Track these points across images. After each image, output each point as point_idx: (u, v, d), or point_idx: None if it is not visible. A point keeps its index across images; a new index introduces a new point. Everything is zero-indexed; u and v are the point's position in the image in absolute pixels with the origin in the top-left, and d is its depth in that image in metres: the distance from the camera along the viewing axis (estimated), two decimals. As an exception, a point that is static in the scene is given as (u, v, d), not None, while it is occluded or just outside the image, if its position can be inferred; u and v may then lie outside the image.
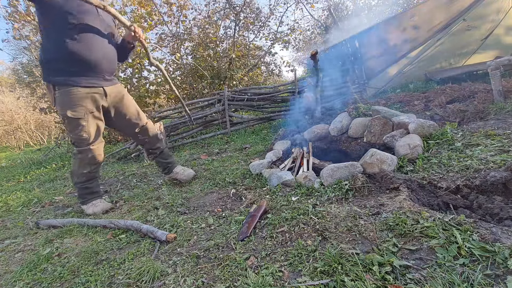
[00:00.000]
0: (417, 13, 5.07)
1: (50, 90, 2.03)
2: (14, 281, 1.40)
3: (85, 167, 2.17)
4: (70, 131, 2.09)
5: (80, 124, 2.04)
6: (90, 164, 2.18)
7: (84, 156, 2.13)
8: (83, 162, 2.15)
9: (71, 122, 2.03)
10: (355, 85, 5.17)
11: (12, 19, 5.07)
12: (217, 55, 6.96)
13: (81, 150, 2.12)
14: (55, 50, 1.92)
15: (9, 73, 16.59)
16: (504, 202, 1.42)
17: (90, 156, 2.14)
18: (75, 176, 2.22)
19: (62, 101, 1.99)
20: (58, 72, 1.97)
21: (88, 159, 2.14)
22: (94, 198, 2.28)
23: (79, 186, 2.24)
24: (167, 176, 2.69)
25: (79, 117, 2.02)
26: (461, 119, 2.94)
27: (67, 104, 1.99)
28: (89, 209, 2.23)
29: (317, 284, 1.04)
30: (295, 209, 1.66)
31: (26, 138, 10.12)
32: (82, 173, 2.18)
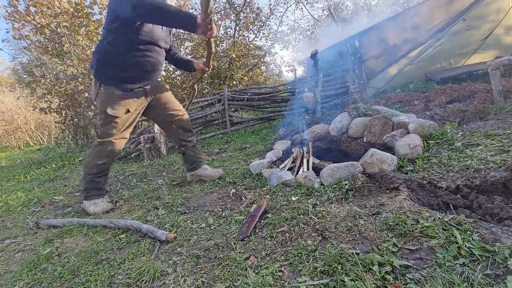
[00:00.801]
0: (417, 13, 5.07)
1: (96, 84, 2.11)
2: (14, 281, 1.40)
3: (101, 159, 2.21)
4: (101, 125, 2.15)
5: (114, 122, 2.13)
6: (106, 157, 2.22)
7: (104, 148, 2.18)
8: (100, 153, 2.20)
9: (107, 118, 2.11)
10: (355, 85, 5.17)
11: (12, 19, 5.08)
12: (217, 55, 6.96)
13: (102, 142, 2.17)
14: (121, 59, 2.03)
15: (9, 73, 16.61)
16: (504, 202, 1.42)
17: (109, 149, 2.19)
18: (86, 167, 2.26)
19: (106, 98, 2.08)
20: (113, 76, 2.07)
21: (107, 151, 2.20)
22: (98, 196, 2.29)
23: (89, 178, 2.25)
24: (192, 173, 2.59)
25: (117, 116, 2.11)
26: (461, 119, 2.94)
27: (109, 102, 2.08)
28: (90, 208, 2.24)
29: (317, 284, 1.04)
30: (295, 209, 1.66)
31: (26, 138, 10.13)
32: (96, 164, 2.21)
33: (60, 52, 5.43)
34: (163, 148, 3.92)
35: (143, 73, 2.14)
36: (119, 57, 2.02)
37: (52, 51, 5.41)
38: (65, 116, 5.65)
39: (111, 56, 2.03)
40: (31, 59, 8.84)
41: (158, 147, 3.84)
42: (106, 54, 2.04)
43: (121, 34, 1.96)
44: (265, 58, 8.56)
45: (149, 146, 3.79)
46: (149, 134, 3.83)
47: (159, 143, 3.85)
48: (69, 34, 5.20)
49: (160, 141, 3.86)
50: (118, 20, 1.92)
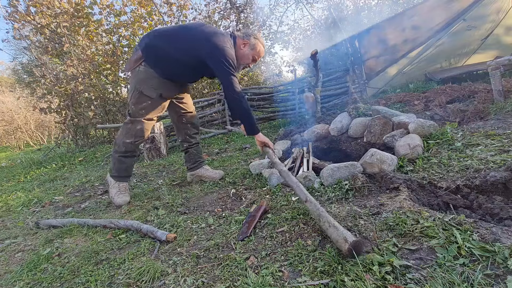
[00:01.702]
0: (417, 13, 5.07)
1: (137, 61, 2.14)
2: (14, 281, 1.40)
3: (129, 137, 2.26)
4: (133, 103, 2.19)
5: (146, 102, 2.18)
6: (135, 136, 2.26)
7: (134, 126, 2.23)
8: (130, 132, 2.24)
9: (140, 97, 2.16)
10: (355, 85, 5.17)
11: (12, 19, 5.08)
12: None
13: (133, 120, 2.23)
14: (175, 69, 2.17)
15: (9, 73, 16.61)
16: (504, 202, 1.42)
17: (138, 128, 2.24)
18: (116, 145, 2.31)
19: (144, 77, 2.13)
20: (160, 68, 2.14)
21: (136, 130, 2.24)
22: (124, 179, 2.37)
23: (117, 156, 2.31)
24: (192, 172, 2.60)
25: (151, 97, 2.17)
26: (461, 119, 2.94)
27: (147, 82, 2.14)
28: (112, 190, 2.32)
29: (317, 284, 1.04)
30: (295, 209, 1.66)
31: (26, 138, 10.13)
32: (124, 142, 2.26)
33: (60, 52, 5.43)
34: (163, 148, 3.92)
35: (180, 78, 2.28)
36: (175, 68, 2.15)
37: (52, 51, 5.42)
38: (65, 116, 5.65)
39: (169, 62, 2.13)
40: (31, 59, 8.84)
41: (158, 147, 3.84)
42: (168, 59, 2.12)
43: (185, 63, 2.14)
44: (265, 58, 8.57)
45: (149, 146, 3.79)
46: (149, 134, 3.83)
47: (159, 143, 3.85)
48: (69, 34, 5.21)
49: (160, 141, 3.86)
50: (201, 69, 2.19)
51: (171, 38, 2.14)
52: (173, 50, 2.10)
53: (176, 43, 2.11)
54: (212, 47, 2.02)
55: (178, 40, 2.12)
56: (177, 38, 2.13)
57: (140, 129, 2.24)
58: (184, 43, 2.11)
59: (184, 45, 2.10)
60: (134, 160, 2.48)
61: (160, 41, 2.13)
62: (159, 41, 2.13)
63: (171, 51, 2.10)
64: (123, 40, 6.07)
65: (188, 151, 2.59)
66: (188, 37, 2.12)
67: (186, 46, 2.10)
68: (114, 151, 2.33)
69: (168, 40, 2.13)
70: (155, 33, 2.19)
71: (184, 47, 2.10)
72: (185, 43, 2.11)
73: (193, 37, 2.11)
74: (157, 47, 2.11)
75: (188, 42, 2.10)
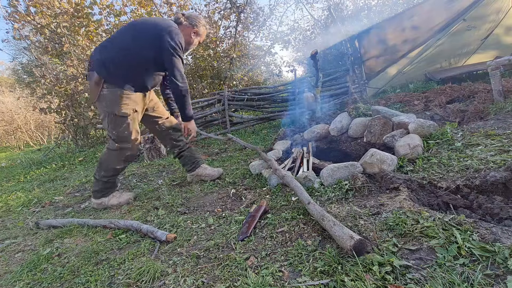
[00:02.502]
0: (417, 13, 5.07)
1: (98, 85, 2.01)
2: (14, 281, 1.40)
3: (119, 163, 2.22)
4: (113, 128, 2.10)
5: (125, 122, 2.09)
6: (125, 161, 2.24)
7: (123, 152, 2.17)
8: (120, 157, 2.18)
9: (117, 120, 2.07)
10: (355, 85, 5.17)
11: (12, 19, 5.08)
12: (217, 55, 6.96)
13: (122, 147, 2.15)
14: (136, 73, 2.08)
15: (9, 73, 16.61)
16: (504, 202, 1.42)
17: (128, 154, 2.20)
18: (103, 170, 2.21)
19: (112, 99, 2.03)
20: (122, 79, 2.03)
21: (125, 156, 2.20)
22: (114, 190, 2.33)
23: (104, 180, 2.23)
24: (192, 173, 2.56)
25: (126, 115, 2.09)
26: (461, 119, 2.94)
27: (116, 103, 2.03)
28: (113, 200, 2.27)
29: (317, 284, 1.04)
30: (295, 209, 1.66)
31: (26, 138, 10.13)
32: (114, 168, 2.21)
33: (60, 52, 5.43)
34: (163, 148, 3.91)
35: (147, 83, 2.18)
36: (135, 69, 2.06)
37: (52, 51, 5.42)
38: (65, 116, 5.64)
39: (127, 67, 2.03)
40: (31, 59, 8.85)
41: (158, 147, 3.84)
42: (124, 64, 2.02)
43: (147, 61, 2.07)
44: (265, 58, 8.57)
45: (149, 146, 3.79)
46: (149, 135, 3.83)
47: (159, 143, 3.85)
48: (69, 34, 5.20)
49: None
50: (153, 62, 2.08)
51: (121, 43, 2.04)
52: (127, 55, 2.01)
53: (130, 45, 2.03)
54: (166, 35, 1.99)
55: (129, 41, 2.04)
56: (127, 40, 2.04)
57: (130, 154, 2.22)
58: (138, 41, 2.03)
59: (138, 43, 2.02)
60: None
61: (112, 52, 2.02)
62: (109, 55, 2.02)
63: (124, 58, 2.01)
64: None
65: (181, 155, 2.55)
66: (139, 35, 2.04)
67: (141, 44, 2.02)
68: (102, 176, 2.22)
69: (120, 47, 2.03)
70: (101, 48, 2.07)
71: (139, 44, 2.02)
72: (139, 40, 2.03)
73: (144, 32, 2.04)
74: (113, 61, 2.00)
75: (143, 39, 2.03)
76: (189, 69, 7.07)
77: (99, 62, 2.01)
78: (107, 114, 2.07)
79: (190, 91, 7.04)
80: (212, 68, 6.87)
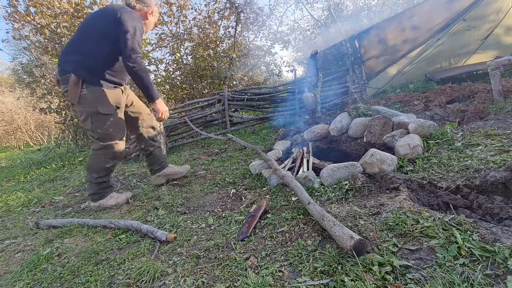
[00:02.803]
0: (417, 13, 5.07)
1: (76, 86, 2.02)
2: (14, 281, 1.40)
3: (108, 162, 2.22)
4: (97, 127, 2.11)
5: (109, 119, 2.11)
6: (113, 159, 2.24)
7: (109, 150, 2.18)
8: (107, 156, 2.19)
9: (100, 118, 2.09)
10: (355, 85, 5.17)
11: (12, 19, 5.07)
12: (217, 55, 6.96)
13: (106, 145, 2.16)
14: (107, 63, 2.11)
15: (9, 73, 16.60)
16: (504, 202, 1.42)
17: (114, 151, 2.20)
18: (93, 172, 2.22)
19: (93, 98, 2.06)
20: (99, 75, 2.07)
21: (113, 153, 2.20)
22: (111, 191, 2.33)
23: (98, 181, 2.23)
24: (160, 173, 2.59)
25: (110, 112, 2.11)
26: (461, 119, 2.94)
27: (98, 101, 2.07)
28: (111, 201, 2.27)
29: (317, 284, 1.04)
30: (295, 209, 1.66)
31: (26, 138, 10.13)
32: (104, 167, 2.22)
33: (60, 52, 5.43)
34: (162, 148, 3.91)
35: (122, 75, 2.21)
36: (106, 61, 2.10)
37: (52, 51, 5.41)
38: (65, 116, 5.64)
39: (98, 58, 2.06)
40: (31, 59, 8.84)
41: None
42: (93, 56, 2.05)
43: (113, 49, 2.08)
44: (265, 58, 8.56)
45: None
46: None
47: (159, 143, 3.84)
48: (69, 34, 5.20)
49: (160, 142, 3.85)
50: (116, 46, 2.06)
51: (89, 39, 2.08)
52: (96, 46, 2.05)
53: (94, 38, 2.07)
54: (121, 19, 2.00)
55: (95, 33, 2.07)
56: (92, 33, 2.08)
57: (117, 151, 2.22)
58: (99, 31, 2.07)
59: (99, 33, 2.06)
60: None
61: (78, 50, 2.07)
62: (79, 50, 2.06)
63: (94, 50, 2.05)
64: (123, 40, 6.08)
65: (152, 154, 2.57)
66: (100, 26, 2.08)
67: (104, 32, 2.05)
68: (94, 178, 2.23)
69: (87, 42, 2.08)
70: (70, 50, 2.11)
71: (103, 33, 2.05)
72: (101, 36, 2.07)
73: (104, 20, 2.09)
74: (83, 55, 2.04)
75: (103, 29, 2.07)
76: (189, 69, 7.07)
77: (75, 63, 2.04)
78: (89, 114, 2.09)
79: (190, 91, 7.08)
80: (212, 68, 6.87)
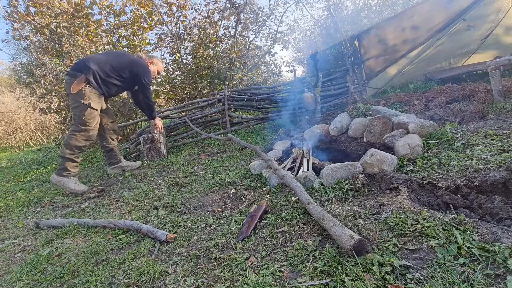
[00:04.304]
0: (417, 13, 5.07)
1: (80, 83, 2.70)
2: (14, 281, 1.40)
3: (82, 142, 2.81)
4: (83, 115, 2.74)
5: (94, 113, 2.82)
6: (87, 140, 2.85)
7: (86, 133, 2.80)
8: (82, 137, 2.79)
9: (90, 110, 2.76)
10: (355, 85, 5.17)
11: (12, 20, 5.07)
12: (217, 55, 6.96)
13: (84, 129, 2.78)
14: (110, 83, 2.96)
15: (9, 73, 16.60)
16: (504, 202, 1.42)
17: (90, 134, 2.84)
18: (68, 149, 2.77)
19: (90, 95, 2.77)
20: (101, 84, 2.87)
21: (89, 135, 2.83)
22: (75, 174, 2.85)
23: (69, 157, 2.77)
24: (115, 166, 3.31)
25: (96, 109, 2.83)
26: (461, 119, 2.94)
27: (93, 98, 2.78)
28: (71, 184, 2.78)
29: (317, 284, 1.04)
30: (295, 209, 1.66)
31: (26, 138, 10.12)
32: (77, 146, 2.79)
33: (60, 52, 5.42)
34: (162, 148, 3.91)
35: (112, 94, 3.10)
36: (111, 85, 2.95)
37: (52, 51, 5.41)
38: (65, 116, 5.64)
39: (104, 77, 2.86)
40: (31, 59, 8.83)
41: (158, 147, 3.84)
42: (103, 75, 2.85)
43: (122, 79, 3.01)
44: (265, 58, 8.55)
45: (149, 146, 3.79)
46: (148, 135, 3.82)
47: (159, 143, 3.85)
48: (69, 34, 5.20)
49: (159, 141, 3.86)
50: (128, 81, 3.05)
51: (111, 65, 2.88)
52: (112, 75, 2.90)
53: (113, 70, 2.90)
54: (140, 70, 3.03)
55: (114, 67, 2.90)
56: (114, 66, 2.90)
57: (93, 134, 2.88)
58: (118, 69, 2.92)
59: (118, 70, 2.93)
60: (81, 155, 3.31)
61: (100, 68, 2.82)
62: (99, 68, 2.81)
63: (111, 76, 2.89)
64: (123, 40, 6.06)
65: (111, 150, 3.28)
66: (120, 64, 2.95)
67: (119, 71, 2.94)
68: (66, 153, 2.77)
69: (108, 67, 2.87)
70: (94, 61, 2.83)
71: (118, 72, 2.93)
72: (119, 69, 2.93)
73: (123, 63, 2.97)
74: (99, 73, 2.80)
75: (122, 68, 2.95)
76: (189, 69, 7.07)
77: (91, 71, 2.75)
78: (82, 104, 2.74)
79: (190, 91, 7.10)
80: (212, 68, 6.86)
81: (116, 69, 2.92)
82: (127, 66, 2.97)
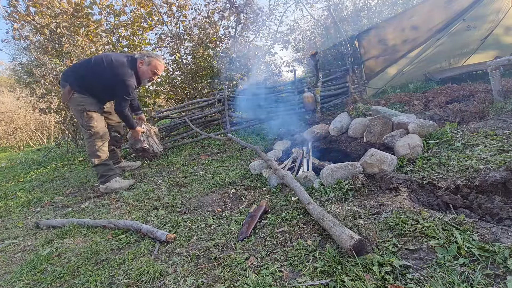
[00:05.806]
0: (417, 13, 5.07)
1: (69, 92, 2.74)
2: (14, 281, 1.40)
3: (97, 144, 2.82)
4: (86, 121, 2.78)
5: (93, 116, 2.82)
6: (102, 138, 2.86)
7: (95, 135, 2.81)
8: (95, 140, 2.81)
9: (87, 114, 2.79)
10: (355, 85, 5.17)
11: (11, 19, 5.07)
12: (217, 55, 6.96)
13: (92, 132, 2.80)
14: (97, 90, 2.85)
15: (9, 73, 16.58)
16: (504, 202, 1.42)
17: (101, 133, 2.85)
18: (92, 157, 2.80)
19: (82, 101, 2.77)
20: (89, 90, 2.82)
21: (99, 136, 2.84)
22: (114, 175, 2.84)
23: (101, 163, 2.79)
24: (116, 166, 3.26)
25: (93, 111, 2.83)
26: (460, 119, 2.94)
27: (86, 103, 2.78)
28: (115, 184, 2.76)
29: (317, 284, 1.04)
30: (295, 209, 1.66)
31: (26, 138, 10.12)
32: (96, 149, 2.79)
33: (60, 52, 5.42)
34: (156, 147, 3.86)
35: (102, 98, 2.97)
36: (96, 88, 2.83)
37: (52, 51, 5.41)
38: (64, 116, 5.63)
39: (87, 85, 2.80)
40: (31, 59, 8.83)
41: (151, 151, 3.80)
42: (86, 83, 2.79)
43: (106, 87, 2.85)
44: (265, 58, 8.55)
45: (142, 154, 3.78)
46: (138, 146, 3.76)
47: (151, 146, 3.80)
48: (68, 34, 5.20)
49: (151, 144, 3.80)
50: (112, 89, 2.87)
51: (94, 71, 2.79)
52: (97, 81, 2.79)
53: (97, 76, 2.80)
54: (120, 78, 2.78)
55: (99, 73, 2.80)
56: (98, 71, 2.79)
57: (103, 132, 2.88)
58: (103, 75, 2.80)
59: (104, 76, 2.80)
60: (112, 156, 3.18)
61: (82, 71, 2.79)
62: (82, 72, 2.79)
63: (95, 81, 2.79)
64: (123, 40, 6.06)
65: (113, 150, 3.30)
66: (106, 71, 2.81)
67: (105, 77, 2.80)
68: (94, 162, 2.78)
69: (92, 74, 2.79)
70: (76, 69, 2.83)
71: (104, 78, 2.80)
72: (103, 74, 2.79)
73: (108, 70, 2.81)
74: (84, 79, 2.76)
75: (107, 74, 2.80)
76: (189, 69, 7.07)
77: (73, 79, 2.76)
78: (79, 111, 2.77)
79: (190, 91, 7.10)
80: (212, 68, 6.86)
81: (97, 75, 2.79)
82: (109, 70, 2.80)
